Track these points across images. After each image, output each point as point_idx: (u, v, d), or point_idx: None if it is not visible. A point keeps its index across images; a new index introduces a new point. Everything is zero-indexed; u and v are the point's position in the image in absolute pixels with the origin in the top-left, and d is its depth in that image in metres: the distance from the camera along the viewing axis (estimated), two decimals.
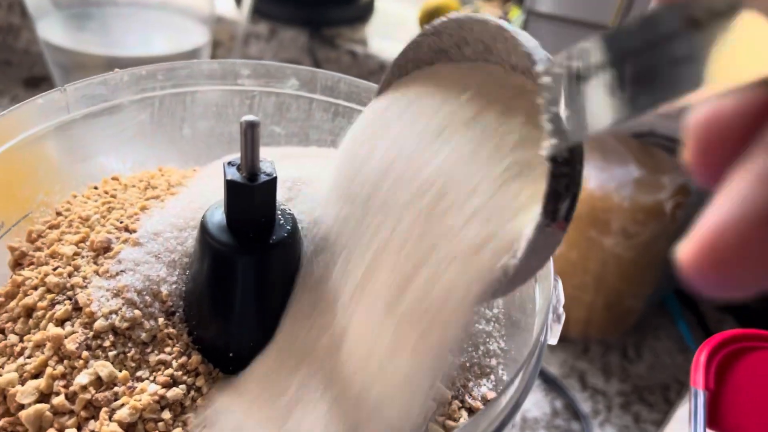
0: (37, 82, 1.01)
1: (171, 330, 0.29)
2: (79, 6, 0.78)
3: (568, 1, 0.77)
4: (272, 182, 0.26)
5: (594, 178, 0.68)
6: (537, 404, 0.69)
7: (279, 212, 0.28)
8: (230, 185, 0.25)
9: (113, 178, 0.35)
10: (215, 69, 0.35)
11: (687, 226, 0.62)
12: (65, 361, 0.28)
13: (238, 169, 0.26)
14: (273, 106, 0.36)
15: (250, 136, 0.24)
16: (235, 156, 0.27)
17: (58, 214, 0.33)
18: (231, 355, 0.29)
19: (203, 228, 0.27)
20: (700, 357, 0.42)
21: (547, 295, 0.26)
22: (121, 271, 0.29)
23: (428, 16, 0.93)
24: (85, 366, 0.28)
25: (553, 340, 0.27)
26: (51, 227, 0.33)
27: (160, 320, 0.29)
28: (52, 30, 0.78)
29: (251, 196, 0.25)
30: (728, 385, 0.41)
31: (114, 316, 0.29)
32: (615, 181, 0.68)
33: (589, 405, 0.69)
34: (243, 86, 0.35)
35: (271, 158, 0.28)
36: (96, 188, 0.34)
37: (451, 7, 0.92)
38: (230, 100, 0.36)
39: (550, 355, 0.74)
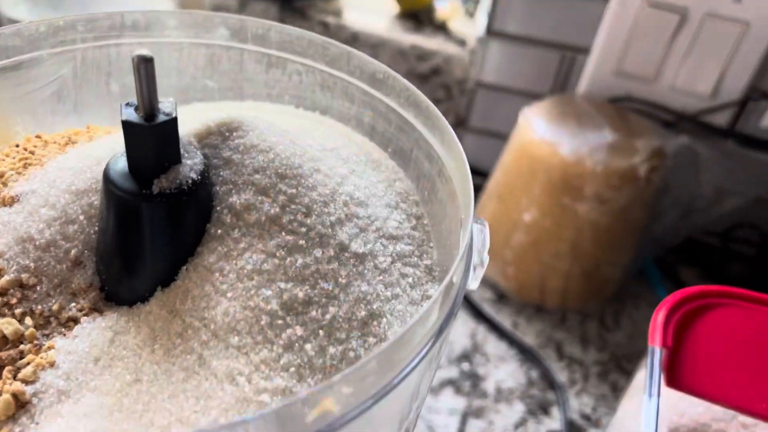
0: None
1: (81, 284, 0.28)
2: None
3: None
4: (172, 122, 0.24)
5: (567, 144, 0.67)
6: (512, 374, 0.67)
7: (188, 155, 0.26)
8: (126, 126, 0.24)
9: (36, 136, 0.34)
10: (138, 20, 0.33)
11: (662, 190, 0.60)
12: None
13: (136, 109, 0.24)
14: (203, 58, 0.35)
15: (144, 71, 0.23)
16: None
17: None
18: None
19: (105, 176, 0.25)
20: (659, 315, 0.41)
21: (466, 236, 0.25)
22: (30, 224, 0.28)
23: None
24: None
25: (474, 284, 0.26)
26: None
27: (70, 274, 0.28)
28: (17, 8, 0.76)
29: (149, 138, 0.24)
30: (688, 342, 0.40)
31: (22, 271, 0.27)
32: (588, 146, 0.66)
33: (565, 374, 0.68)
34: (170, 38, 0.34)
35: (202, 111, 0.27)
36: (18, 146, 0.33)
37: None
38: (157, 53, 0.34)
39: (526, 325, 0.73)
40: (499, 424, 0.63)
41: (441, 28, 0.90)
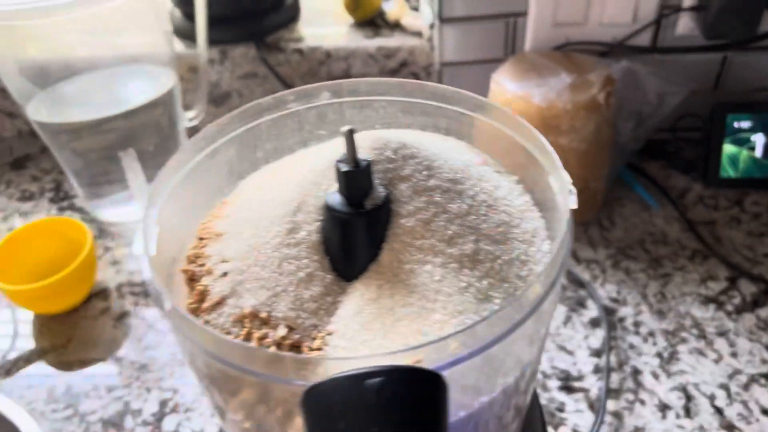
0: (22, 161, 1.08)
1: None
2: (58, 81, 0.83)
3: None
4: (370, 166, 0.38)
5: (537, 95, 0.81)
6: None
7: (378, 183, 0.40)
8: (346, 175, 0.38)
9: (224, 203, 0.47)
10: (270, 102, 0.46)
11: (617, 109, 0.83)
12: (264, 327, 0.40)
13: (346, 163, 0.38)
14: (314, 116, 0.48)
15: (349, 138, 0.37)
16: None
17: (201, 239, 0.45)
18: None
19: (329, 207, 0.39)
20: None
21: (559, 177, 0.39)
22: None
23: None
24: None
25: (573, 204, 0.40)
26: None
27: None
28: (39, 110, 0.85)
29: (358, 179, 0.38)
30: None
31: None
32: (554, 91, 0.80)
33: (587, 274, 0.83)
34: (291, 109, 0.47)
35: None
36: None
37: None
38: (285, 122, 0.47)
39: None
40: (551, 324, 0.78)
41: (396, 26, 1.03)
